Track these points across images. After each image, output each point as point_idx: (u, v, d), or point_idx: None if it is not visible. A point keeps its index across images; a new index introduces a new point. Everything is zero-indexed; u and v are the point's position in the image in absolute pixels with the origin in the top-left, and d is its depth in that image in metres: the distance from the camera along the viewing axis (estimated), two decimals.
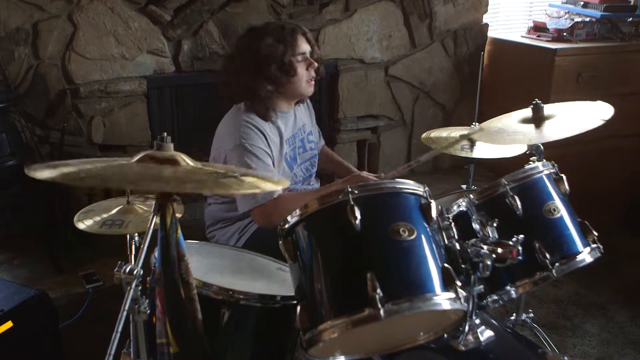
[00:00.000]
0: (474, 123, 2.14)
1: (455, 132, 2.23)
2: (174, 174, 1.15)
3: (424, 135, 2.26)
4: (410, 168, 2.12)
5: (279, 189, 1.26)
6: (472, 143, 2.12)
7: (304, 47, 2.12)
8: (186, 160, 1.24)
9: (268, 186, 1.24)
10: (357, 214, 1.25)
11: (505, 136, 1.88)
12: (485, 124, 2.04)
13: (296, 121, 2.28)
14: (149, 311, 1.22)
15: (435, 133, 2.27)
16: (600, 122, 1.78)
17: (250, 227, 2.14)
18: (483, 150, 2.10)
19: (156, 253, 1.25)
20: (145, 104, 2.81)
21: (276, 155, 2.12)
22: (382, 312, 1.17)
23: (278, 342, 1.57)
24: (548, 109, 1.94)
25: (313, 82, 2.17)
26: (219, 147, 2.13)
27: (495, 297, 1.53)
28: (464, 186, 2.16)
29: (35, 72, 2.61)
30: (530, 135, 1.86)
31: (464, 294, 1.27)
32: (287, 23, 2.14)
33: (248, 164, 1.98)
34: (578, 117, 1.90)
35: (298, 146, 2.28)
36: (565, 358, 1.55)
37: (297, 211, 1.33)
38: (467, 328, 1.44)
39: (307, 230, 1.33)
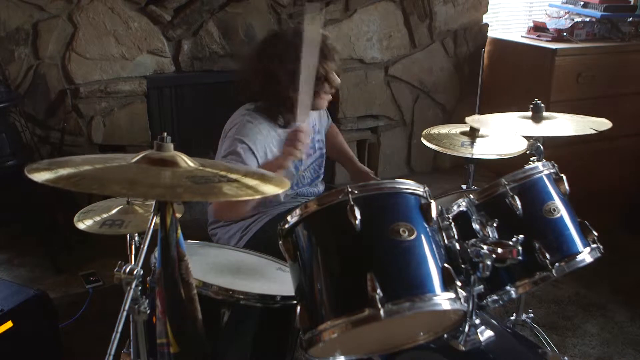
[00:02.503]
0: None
1: (456, 129, 2.24)
2: (169, 181, 1.14)
3: (424, 132, 2.26)
4: None
5: (280, 192, 1.26)
6: (473, 137, 2.12)
7: (334, 64, 2.13)
8: (186, 161, 1.24)
9: (269, 189, 1.24)
10: (357, 214, 1.25)
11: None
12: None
13: (307, 122, 2.28)
14: (149, 311, 1.22)
15: (435, 130, 2.27)
16: (592, 132, 1.80)
17: (253, 226, 2.15)
18: (483, 150, 2.10)
19: (156, 253, 1.25)
20: (145, 104, 2.81)
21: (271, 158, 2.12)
22: (382, 312, 1.17)
23: (278, 342, 1.57)
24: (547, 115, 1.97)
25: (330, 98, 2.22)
26: (221, 141, 2.14)
27: (495, 297, 1.53)
28: (464, 186, 2.16)
29: (35, 72, 2.61)
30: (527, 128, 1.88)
31: (464, 294, 1.27)
32: (324, 36, 2.11)
33: (233, 157, 1.99)
34: (575, 123, 1.92)
35: (308, 148, 2.29)
36: (565, 358, 1.55)
37: (297, 211, 1.33)
38: (467, 328, 1.44)
39: (307, 230, 1.33)
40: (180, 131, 2.90)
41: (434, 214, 1.33)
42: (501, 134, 2.13)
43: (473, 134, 2.13)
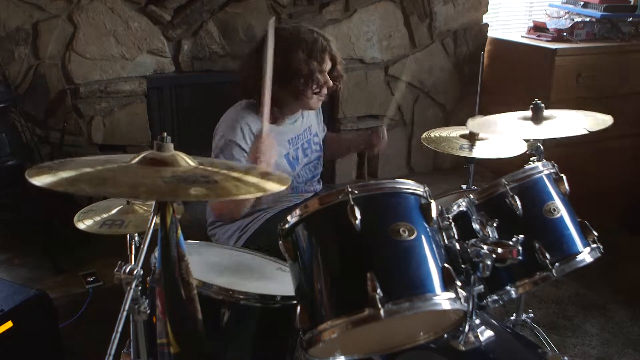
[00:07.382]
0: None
1: (455, 131, 2.24)
2: (137, 180, 1.15)
3: (424, 135, 2.26)
4: None
5: (281, 189, 1.26)
6: (473, 140, 2.12)
7: (328, 65, 2.12)
8: (186, 160, 1.24)
9: (270, 186, 1.24)
10: (357, 214, 1.25)
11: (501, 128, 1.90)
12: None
13: (302, 123, 2.29)
14: (149, 311, 1.22)
15: (435, 133, 2.27)
16: (585, 132, 1.81)
17: (251, 226, 2.15)
18: (483, 150, 2.10)
19: (156, 253, 1.25)
20: (145, 104, 2.81)
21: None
22: (382, 312, 1.17)
23: (278, 342, 1.58)
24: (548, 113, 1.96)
25: (322, 99, 2.19)
26: (214, 136, 2.15)
27: (495, 297, 1.54)
28: (464, 186, 2.16)
29: (35, 72, 2.61)
30: (527, 130, 1.88)
31: (464, 294, 1.27)
32: (319, 35, 2.11)
33: (225, 156, 2.00)
34: (575, 122, 1.92)
35: (305, 147, 2.29)
36: (565, 358, 1.55)
37: (297, 211, 1.33)
38: (467, 328, 1.44)
39: (307, 230, 1.33)
40: (180, 131, 2.90)
41: (434, 214, 1.34)
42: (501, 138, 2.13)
43: (472, 137, 2.13)
